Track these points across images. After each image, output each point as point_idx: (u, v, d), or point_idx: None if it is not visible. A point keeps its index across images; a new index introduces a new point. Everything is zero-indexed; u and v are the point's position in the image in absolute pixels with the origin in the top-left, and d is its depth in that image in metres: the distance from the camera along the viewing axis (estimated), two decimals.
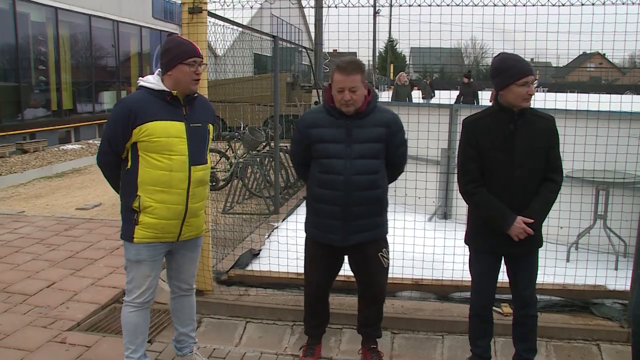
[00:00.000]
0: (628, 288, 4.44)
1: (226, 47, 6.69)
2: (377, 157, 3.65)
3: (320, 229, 3.71)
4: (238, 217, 7.68)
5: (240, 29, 6.84)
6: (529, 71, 3.37)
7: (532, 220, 3.40)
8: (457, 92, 18.40)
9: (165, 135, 3.28)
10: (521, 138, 3.42)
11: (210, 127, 3.59)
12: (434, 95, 25.52)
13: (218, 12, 5.18)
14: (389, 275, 3.96)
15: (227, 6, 5.24)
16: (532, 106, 3.49)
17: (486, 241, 3.59)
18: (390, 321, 4.45)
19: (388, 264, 3.87)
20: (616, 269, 5.53)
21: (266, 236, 6.48)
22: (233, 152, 9.80)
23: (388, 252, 3.87)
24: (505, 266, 3.69)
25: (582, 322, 4.48)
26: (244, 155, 9.03)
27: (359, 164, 3.57)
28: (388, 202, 3.84)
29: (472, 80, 18.06)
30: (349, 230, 3.63)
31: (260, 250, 5.94)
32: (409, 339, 4.40)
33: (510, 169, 3.42)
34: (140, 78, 3.41)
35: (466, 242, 3.75)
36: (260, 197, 8.34)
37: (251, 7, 5.08)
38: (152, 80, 3.36)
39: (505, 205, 3.43)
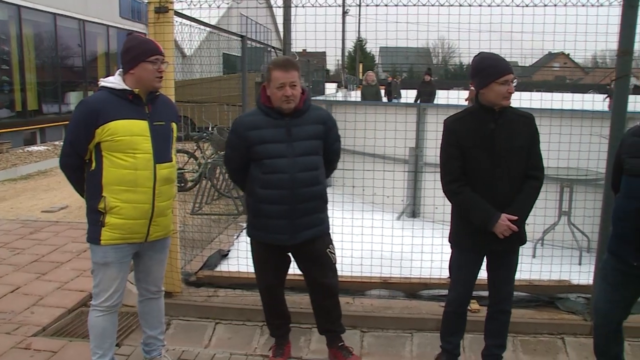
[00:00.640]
0: (591, 282, 4.54)
1: (194, 47, 6.64)
2: (317, 153, 3.71)
3: (266, 230, 3.70)
4: (207, 218, 7.64)
5: (208, 29, 6.79)
6: (509, 69, 3.41)
7: (516, 217, 3.44)
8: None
9: (128, 134, 3.25)
10: (502, 137, 3.45)
11: (174, 125, 3.58)
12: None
13: (185, 12, 5.15)
14: (359, 274, 3.98)
15: (194, 6, 5.21)
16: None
17: (470, 240, 3.62)
18: (360, 320, 4.47)
19: (336, 260, 3.91)
20: (580, 264, 5.64)
21: (235, 237, 6.45)
22: (201, 153, 9.73)
23: (334, 247, 3.92)
24: (485, 263, 3.73)
25: (547, 317, 4.57)
26: (213, 155, 8.96)
27: (302, 161, 3.61)
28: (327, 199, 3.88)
29: (432, 78, 18.01)
30: (296, 228, 3.66)
31: (229, 250, 5.91)
32: (378, 337, 4.42)
33: (492, 168, 3.45)
34: (102, 79, 3.38)
35: (450, 241, 3.77)
36: (229, 198, 8.30)
37: (218, 7, 5.05)
38: (113, 80, 3.34)
39: (488, 203, 3.46)
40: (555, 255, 5.24)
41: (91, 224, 3.38)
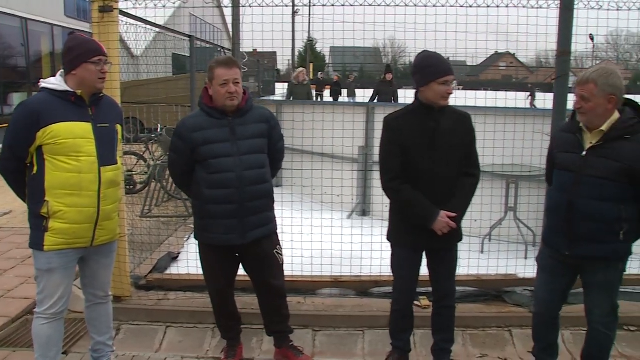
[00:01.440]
0: (536, 275, 4.67)
1: (143, 47, 6.54)
2: (262, 151, 3.73)
3: (215, 232, 3.67)
4: (156, 221, 7.53)
5: (157, 29, 6.70)
6: (450, 71, 3.47)
7: (455, 214, 3.52)
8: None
9: (71, 137, 3.18)
10: (441, 135, 3.52)
11: (119, 127, 3.52)
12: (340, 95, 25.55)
13: (131, 12, 5.06)
14: (309, 273, 3.99)
15: (140, 5, 5.13)
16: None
17: (408, 237, 3.67)
18: (311, 319, 4.49)
19: (283, 260, 3.94)
20: (526, 257, 5.80)
21: (185, 239, 6.39)
22: (150, 155, 9.58)
23: (281, 248, 3.94)
24: (426, 260, 3.79)
25: (495, 311, 4.69)
26: (162, 157, 8.84)
27: (248, 159, 3.62)
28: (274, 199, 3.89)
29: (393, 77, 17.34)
30: (245, 227, 3.65)
31: (179, 253, 5.85)
32: (330, 335, 4.44)
33: (431, 165, 3.51)
34: (42, 80, 3.30)
35: (388, 238, 3.81)
36: (179, 199, 8.20)
37: (164, 7, 4.99)
38: (54, 81, 3.26)
39: (429, 200, 3.51)
40: (502, 250, 5.37)
41: (34, 229, 3.30)
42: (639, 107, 3.31)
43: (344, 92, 25.17)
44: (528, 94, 29.04)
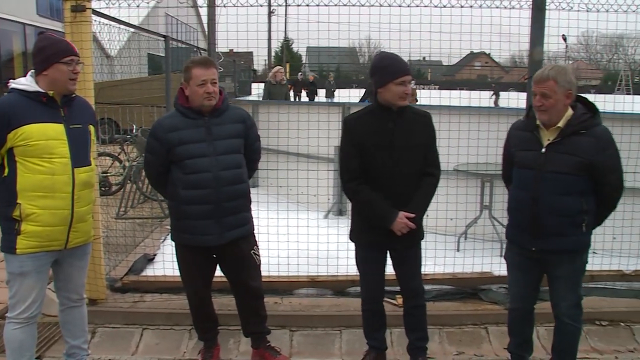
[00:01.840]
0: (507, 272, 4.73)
1: (118, 48, 6.48)
2: (239, 151, 3.73)
3: (192, 232, 3.66)
4: (132, 222, 7.45)
5: (132, 29, 6.63)
6: (406, 71, 3.50)
7: (413, 215, 3.54)
8: (353, 91, 18.38)
9: (43, 138, 3.14)
10: (400, 135, 3.53)
11: (92, 128, 3.47)
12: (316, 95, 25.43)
13: (105, 11, 5.00)
14: (285, 273, 3.99)
15: (113, 4, 5.09)
16: (423, 103, 3.63)
17: (369, 236, 3.69)
18: (288, 319, 4.49)
19: (260, 261, 3.93)
20: (501, 255, 5.80)
21: (161, 240, 6.33)
22: (126, 156, 9.50)
23: (258, 249, 3.93)
24: (390, 259, 3.80)
25: (471, 308, 4.74)
26: (137, 158, 8.77)
27: (224, 159, 3.61)
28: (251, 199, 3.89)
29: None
30: (223, 227, 3.64)
31: (155, 254, 5.80)
32: (307, 335, 4.45)
33: (391, 166, 3.53)
34: (12, 80, 3.25)
35: (351, 238, 3.83)
36: (155, 201, 8.13)
37: (137, 7, 4.96)
38: (24, 82, 3.21)
39: (387, 200, 3.53)
40: (477, 248, 5.43)
41: (5, 232, 3.24)
42: (589, 103, 3.44)
43: (322, 92, 25.07)
44: (492, 93, 29.47)
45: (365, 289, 3.88)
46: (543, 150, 3.38)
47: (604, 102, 5.13)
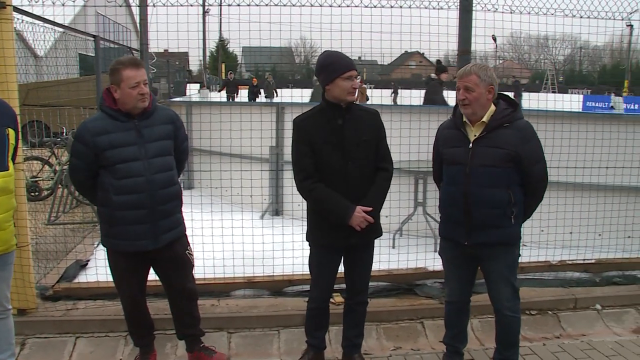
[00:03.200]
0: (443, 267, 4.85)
1: (47, 47, 6.28)
2: (170, 153, 3.69)
3: (127, 238, 3.58)
4: (64, 228, 7.24)
5: (63, 28, 6.43)
6: (352, 66, 3.56)
7: (370, 208, 3.58)
8: (288, 91, 18.29)
9: None
10: (350, 132, 3.59)
11: (11, 131, 3.28)
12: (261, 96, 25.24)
13: (28, 9, 4.82)
14: (221, 275, 3.97)
15: (36, 2, 4.92)
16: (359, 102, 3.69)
17: (326, 235, 3.71)
18: (226, 321, 4.47)
19: (194, 262, 3.92)
20: (435, 250, 5.96)
21: (95, 245, 6.17)
22: (57, 159, 9.21)
23: (192, 249, 3.91)
24: (343, 257, 3.83)
25: (407, 304, 4.83)
26: (69, 161, 8.51)
27: (156, 162, 3.56)
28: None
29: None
30: (158, 231, 3.60)
31: (88, 260, 5.65)
32: (245, 337, 4.44)
33: (343, 162, 3.57)
34: None
35: (307, 238, 3.85)
36: (88, 205, 7.91)
37: (63, 5, 4.81)
38: None
39: (345, 197, 3.57)
40: (412, 244, 5.54)
41: None
42: (511, 99, 3.64)
43: (253, 94, 24.78)
44: (392, 91, 30.05)
45: (317, 288, 3.89)
46: (470, 145, 3.51)
47: (536, 100, 5.30)
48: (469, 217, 3.53)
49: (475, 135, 3.52)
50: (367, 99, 21.22)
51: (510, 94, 3.96)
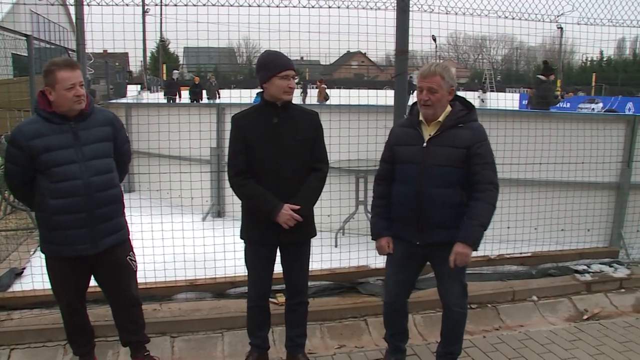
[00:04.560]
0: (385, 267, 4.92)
1: None
2: (109, 155, 3.63)
3: (64, 243, 3.50)
4: None
5: None
6: (290, 65, 3.60)
7: (298, 207, 3.60)
8: (234, 91, 18.11)
9: None
10: (286, 130, 3.62)
11: None
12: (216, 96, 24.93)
13: None
14: (163, 279, 3.92)
15: None
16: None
17: (258, 232, 3.72)
18: (169, 325, 4.42)
19: (137, 267, 3.86)
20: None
21: (31, 252, 6.00)
22: None
23: (134, 254, 3.86)
24: (279, 256, 3.86)
25: (351, 302, 4.88)
26: (2, 166, 8.22)
27: (94, 164, 3.50)
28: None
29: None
30: (97, 235, 3.53)
31: (23, 268, 5.48)
32: (188, 340, 4.40)
33: (277, 160, 3.60)
34: None
35: (241, 236, 3.85)
36: (24, 211, 7.68)
37: None
38: None
39: (276, 195, 3.58)
40: (354, 242, 5.60)
41: None
42: (466, 101, 3.70)
43: (195, 94, 24.34)
44: (301, 91, 30.39)
45: (253, 285, 3.89)
46: (424, 144, 3.55)
47: (479, 99, 5.42)
48: (421, 216, 3.56)
49: (430, 135, 3.57)
50: (327, 99, 21.32)
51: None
